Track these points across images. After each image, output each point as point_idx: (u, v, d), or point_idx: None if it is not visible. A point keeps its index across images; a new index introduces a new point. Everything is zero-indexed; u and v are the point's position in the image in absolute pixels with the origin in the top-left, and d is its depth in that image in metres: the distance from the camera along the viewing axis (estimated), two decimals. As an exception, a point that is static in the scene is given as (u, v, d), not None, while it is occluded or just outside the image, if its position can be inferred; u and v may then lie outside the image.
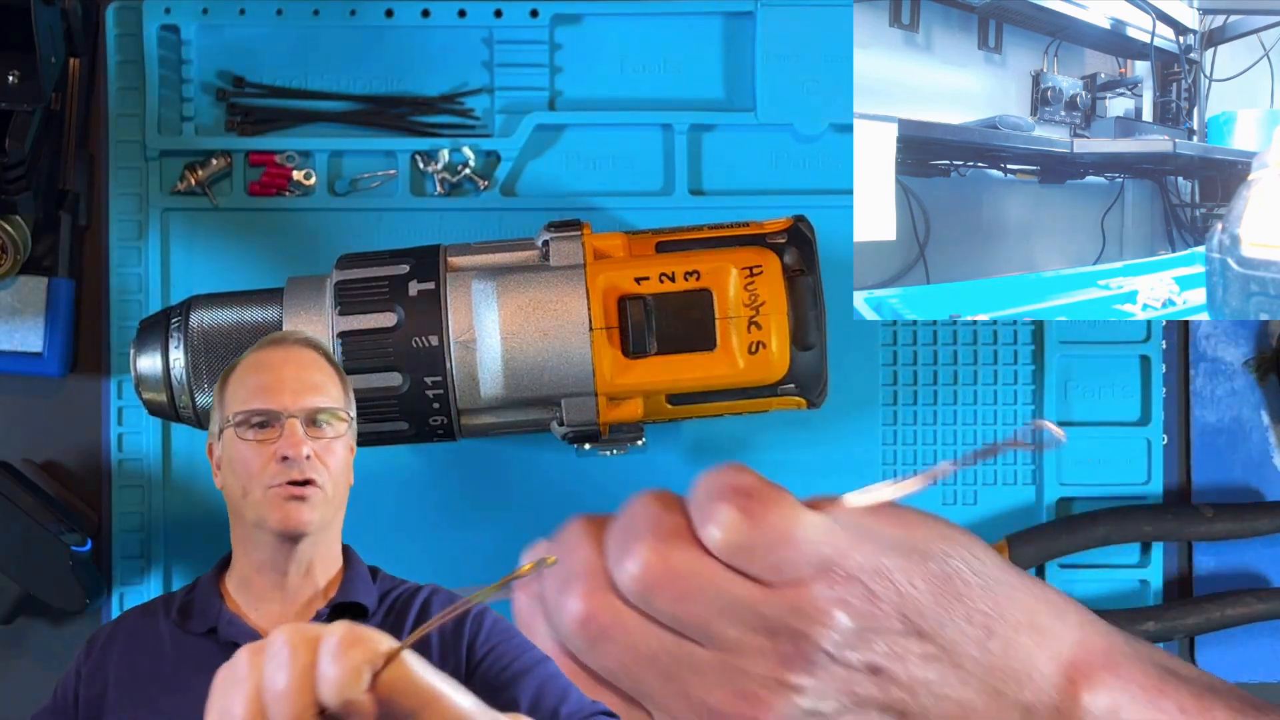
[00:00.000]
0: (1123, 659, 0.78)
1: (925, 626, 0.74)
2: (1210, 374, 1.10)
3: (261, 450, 0.85)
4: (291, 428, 0.85)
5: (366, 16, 1.07)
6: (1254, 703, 0.82)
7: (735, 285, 0.94)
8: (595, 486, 1.07)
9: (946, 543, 0.76)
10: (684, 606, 0.70)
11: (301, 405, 0.86)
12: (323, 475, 0.85)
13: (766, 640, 0.71)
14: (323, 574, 0.87)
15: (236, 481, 0.86)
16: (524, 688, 0.81)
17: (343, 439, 0.87)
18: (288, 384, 0.86)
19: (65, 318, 1.06)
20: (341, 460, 0.86)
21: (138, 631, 0.88)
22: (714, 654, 0.72)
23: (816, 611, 0.71)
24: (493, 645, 0.84)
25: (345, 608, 0.86)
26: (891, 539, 0.75)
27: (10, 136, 0.94)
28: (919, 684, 0.73)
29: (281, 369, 0.87)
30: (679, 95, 1.09)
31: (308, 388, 0.86)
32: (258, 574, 0.86)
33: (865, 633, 0.73)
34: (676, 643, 0.72)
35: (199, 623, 0.86)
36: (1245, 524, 1.08)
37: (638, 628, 0.71)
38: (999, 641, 0.75)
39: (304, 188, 1.07)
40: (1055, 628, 0.77)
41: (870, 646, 0.73)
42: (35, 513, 1.02)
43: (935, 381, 1.09)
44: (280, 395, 0.86)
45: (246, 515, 0.86)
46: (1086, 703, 0.77)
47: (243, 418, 0.85)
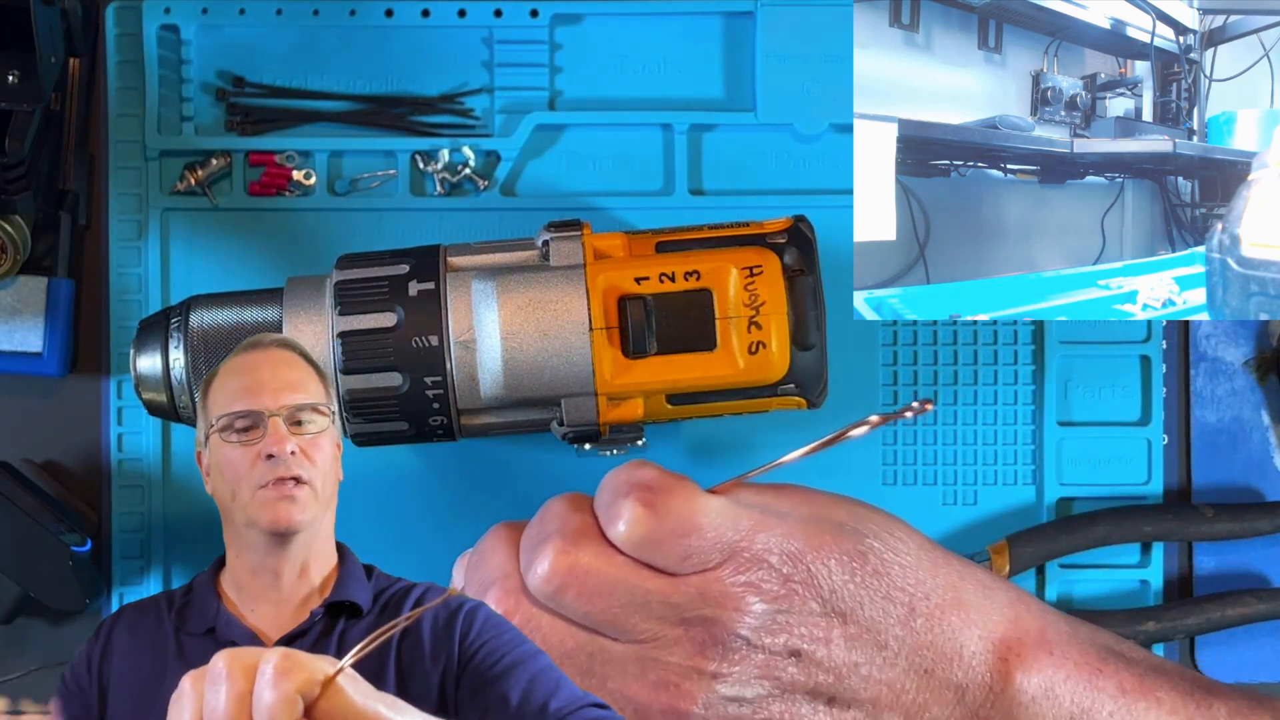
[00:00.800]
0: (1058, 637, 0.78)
1: (843, 607, 0.73)
2: (1210, 374, 1.10)
3: (247, 452, 0.85)
4: (274, 426, 0.85)
5: (366, 16, 1.07)
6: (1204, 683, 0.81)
7: (735, 285, 0.94)
8: (595, 486, 1.07)
9: (861, 521, 0.75)
10: (594, 603, 0.71)
11: (282, 403, 0.86)
12: (310, 471, 0.85)
13: (681, 630, 0.72)
14: (318, 572, 0.87)
15: (225, 485, 0.86)
16: (514, 681, 0.82)
17: (327, 434, 0.87)
18: (267, 384, 0.86)
19: (65, 318, 1.06)
20: (328, 456, 0.87)
21: (139, 628, 0.88)
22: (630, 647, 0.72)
23: (727, 597, 0.71)
24: (484, 640, 0.84)
25: (340, 607, 0.86)
26: (802, 518, 0.74)
27: (10, 136, 0.94)
28: (844, 666, 0.73)
29: (260, 370, 0.87)
30: (679, 95, 1.09)
31: (287, 386, 0.86)
32: (252, 576, 0.86)
33: (780, 615, 0.72)
34: (591, 639, 0.72)
35: (197, 623, 0.87)
36: (1245, 524, 1.08)
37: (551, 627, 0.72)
38: (923, 620, 0.74)
39: (304, 188, 1.07)
40: (983, 605, 0.77)
41: (788, 630, 0.72)
42: (35, 513, 1.02)
43: (935, 381, 1.09)
44: (260, 396, 0.86)
45: (236, 518, 0.86)
46: (1020, 682, 0.76)
47: (226, 421, 0.86)
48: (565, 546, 0.71)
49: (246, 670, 0.58)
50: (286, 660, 0.57)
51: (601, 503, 0.73)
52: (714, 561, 0.72)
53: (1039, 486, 1.09)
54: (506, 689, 0.81)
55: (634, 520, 0.70)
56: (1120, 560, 1.09)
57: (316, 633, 0.85)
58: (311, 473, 0.85)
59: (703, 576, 0.71)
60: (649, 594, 0.71)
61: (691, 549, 0.71)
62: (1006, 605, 0.77)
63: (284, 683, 0.57)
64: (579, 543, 0.71)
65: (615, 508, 0.72)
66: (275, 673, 0.57)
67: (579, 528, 0.72)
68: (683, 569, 0.71)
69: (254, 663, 0.58)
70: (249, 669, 0.58)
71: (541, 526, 0.74)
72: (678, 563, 0.71)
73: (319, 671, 0.57)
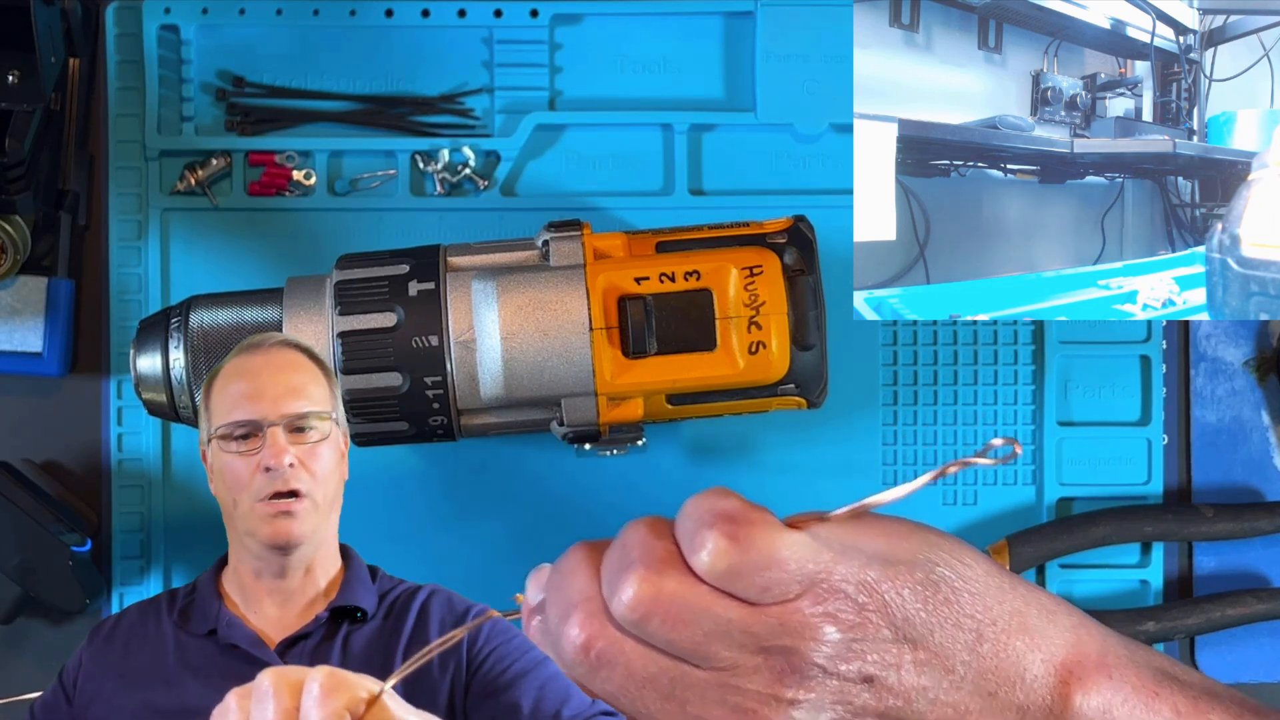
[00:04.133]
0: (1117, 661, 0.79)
1: (915, 634, 0.75)
2: (1210, 374, 1.10)
3: (247, 462, 0.84)
4: (273, 437, 0.84)
5: (366, 16, 1.07)
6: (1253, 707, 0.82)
7: (735, 285, 0.93)
8: (595, 486, 1.07)
9: (932, 550, 0.77)
10: (678, 632, 0.72)
11: (282, 412, 0.85)
12: (308, 483, 0.85)
13: (760, 658, 0.73)
14: (323, 576, 0.87)
15: (227, 493, 0.86)
16: (525, 689, 0.81)
17: (329, 440, 0.86)
18: (267, 391, 0.85)
19: (65, 318, 1.06)
20: (329, 463, 0.86)
21: (139, 628, 0.88)
22: (710, 674, 0.74)
23: (805, 627, 0.73)
24: (493, 647, 0.84)
25: (345, 610, 0.86)
26: (876, 551, 0.76)
27: (10, 136, 0.94)
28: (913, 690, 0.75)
29: (261, 375, 0.86)
30: (679, 95, 1.09)
31: (288, 392, 0.86)
32: (255, 579, 0.86)
33: (855, 643, 0.74)
34: (673, 665, 0.74)
35: (199, 624, 0.86)
36: (1245, 524, 1.08)
37: (635, 653, 0.73)
38: (989, 645, 0.76)
39: (304, 188, 1.07)
40: (1046, 630, 0.78)
41: (861, 657, 0.74)
42: (35, 513, 1.02)
43: (935, 381, 1.09)
44: (260, 403, 0.85)
45: (238, 525, 0.86)
46: (1079, 704, 0.78)
47: (225, 430, 0.85)
48: (649, 575, 0.73)
49: (293, 688, 0.59)
50: (332, 679, 0.58)
51: (684, 530, 0.75)
52: (794, 593, 0.73)
53: (1039, 486, 1.09)
54: (517, 697, 0.81)
55: (718, 552, 0.72)
56: (1120, 560, 1.09)
57: (319, 636, 0.85)
58: (310, 485, 0.85)
59: (783, 607, 0.73)
60: (730, 624, 0.73)
61: (772, 581, 0.73)
62: (1068, 629, 0.79)
63: (331, 700, 0.58)
64: (663, 571, 0.73)
65: (699, 537, 0.73)
66: (322, 691, 0.58)
67: (662, 556, 0.74)
68: (763, 600, 0.73)
69: (300, 680, 0.59)
70: (295, 686, 0.59)
71: (624, 553, 0.75)
72: (759, 593, 0.73)
73: (364, 689, 0.58)
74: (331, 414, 0.87)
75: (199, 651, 0.85)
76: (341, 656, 0.84)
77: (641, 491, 1.07)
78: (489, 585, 1.06)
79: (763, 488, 1.07)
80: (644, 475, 1.08)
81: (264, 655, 0.84)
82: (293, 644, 0.85)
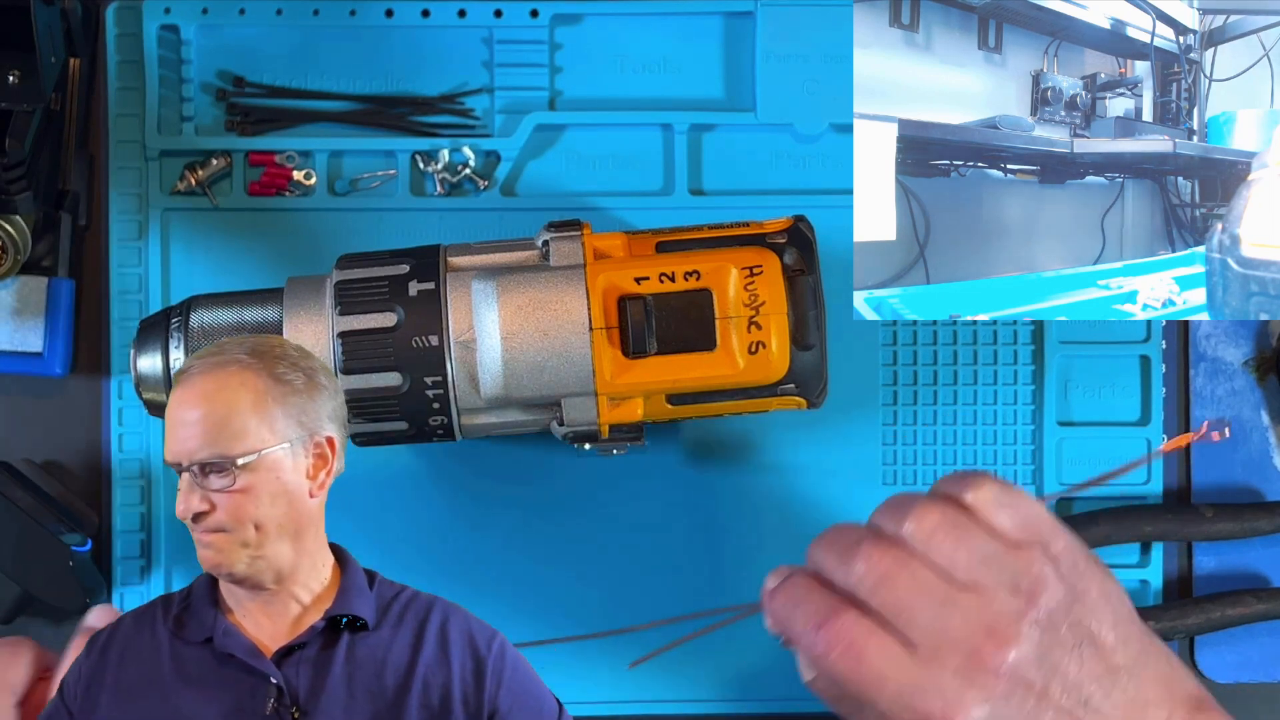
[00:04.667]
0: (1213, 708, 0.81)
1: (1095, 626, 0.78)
2: (1210, 374, 1.10)
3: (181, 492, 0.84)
4: (182, 483, 0.83)
5: (366, 16, 1.07)
6: None
7: (735, 285, 0.93)
8: (595, 486, 1.07)
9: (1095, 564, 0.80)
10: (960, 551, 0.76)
11: (194, 458, 0.83)
12: (228, 521, 0.83)
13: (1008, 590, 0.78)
14: (304, 590, 0.85)
15: None
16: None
17: (261, 474, 0.83)
18: (190, 429, 0.83)
19: (65, 318, 1.06)
20: (258, 498, 0.83)
21: (134, 637, 0.86)
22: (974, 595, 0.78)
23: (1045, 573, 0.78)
24: (515, 697, 0.86)
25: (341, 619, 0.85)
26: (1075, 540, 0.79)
27: (10, 136, 0.94)
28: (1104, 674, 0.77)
29: (186, 409, 0.83)
30: (679, 95, 1.09)
31: (209, 431, 0.83)
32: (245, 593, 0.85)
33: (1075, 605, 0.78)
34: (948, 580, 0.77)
35: (195, 632, 0.85)
36: (1245, 524, 1.08)
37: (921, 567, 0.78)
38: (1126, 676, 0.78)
39: (304, 188, 1.07)
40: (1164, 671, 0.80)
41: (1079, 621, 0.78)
42: (35, 513, 1.02)
43: (935, 381, 1.09)
44: (174, 444, 0.83)
45: None
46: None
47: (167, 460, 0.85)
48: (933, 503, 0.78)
49: None
50: None
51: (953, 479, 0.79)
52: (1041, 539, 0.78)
53: (1039, 486, 1.09)
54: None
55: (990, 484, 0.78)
56: (1120, 560, 1.09)
57: (318, 645, 0.84)
58: (233, 523, 0.83)
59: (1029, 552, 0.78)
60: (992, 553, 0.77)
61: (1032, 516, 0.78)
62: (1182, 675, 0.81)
63: None
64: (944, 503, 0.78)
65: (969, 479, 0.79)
66: None
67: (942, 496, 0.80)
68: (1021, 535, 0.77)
69: None
70: None
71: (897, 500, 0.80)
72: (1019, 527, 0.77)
73: None
74: (262, 450, 0.83)
75: (195, 660, 0.84)
76: (345, 665, 0.84)
77: (641, 491, 1.08)
78: (489, 585, 1.07)
79: (763, 488, 1.08)
80: (644, 475, 1.08)
81: (261, 665, 0.83)
82: (289, 654, 0.84)
